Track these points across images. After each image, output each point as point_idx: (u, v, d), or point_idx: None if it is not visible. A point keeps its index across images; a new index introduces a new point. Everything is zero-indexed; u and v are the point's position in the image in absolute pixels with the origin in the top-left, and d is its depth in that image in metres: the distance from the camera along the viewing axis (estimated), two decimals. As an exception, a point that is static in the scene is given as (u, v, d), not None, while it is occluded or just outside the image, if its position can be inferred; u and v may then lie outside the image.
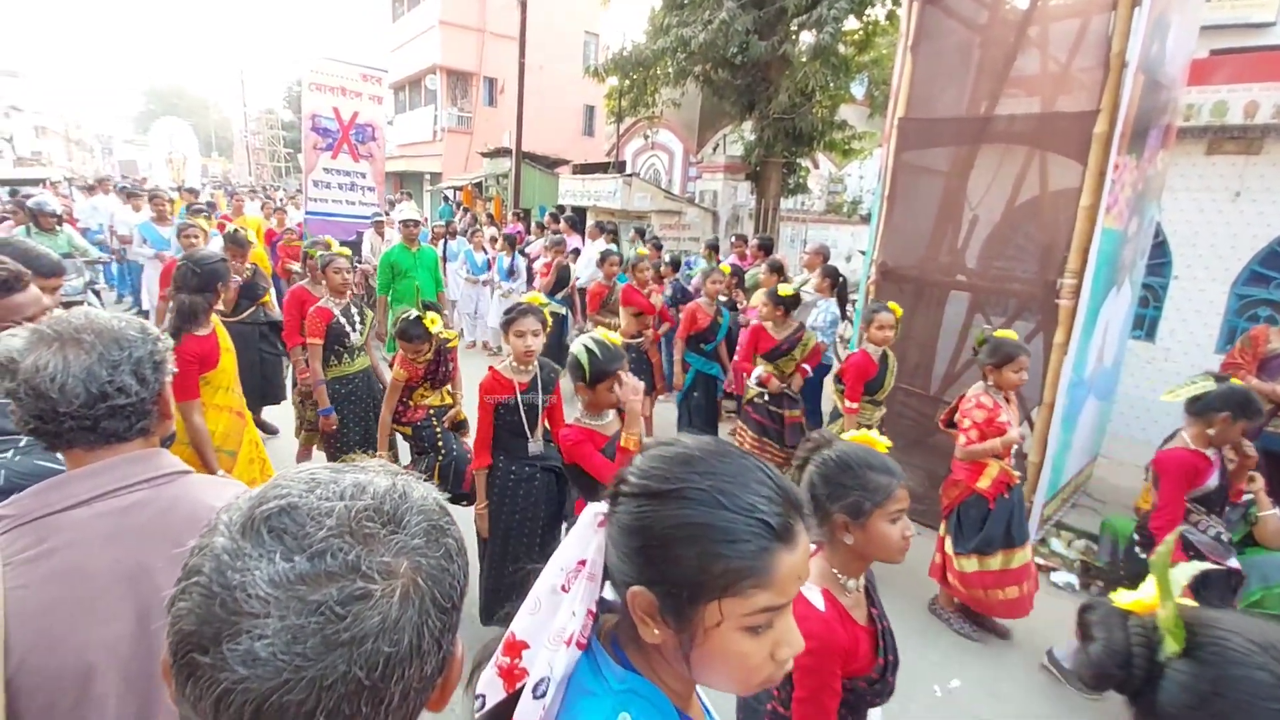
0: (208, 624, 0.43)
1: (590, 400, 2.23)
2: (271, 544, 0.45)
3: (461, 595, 0.53)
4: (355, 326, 3.69)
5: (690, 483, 0.68)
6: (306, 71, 5.88)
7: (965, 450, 2.91)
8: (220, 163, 49.76)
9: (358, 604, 0.44)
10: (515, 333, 2.57)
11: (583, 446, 2.20)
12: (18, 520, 0.90)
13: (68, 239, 5.78)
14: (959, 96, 4.34)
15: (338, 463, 0.55)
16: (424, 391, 3.28)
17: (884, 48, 10.29)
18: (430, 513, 0.52)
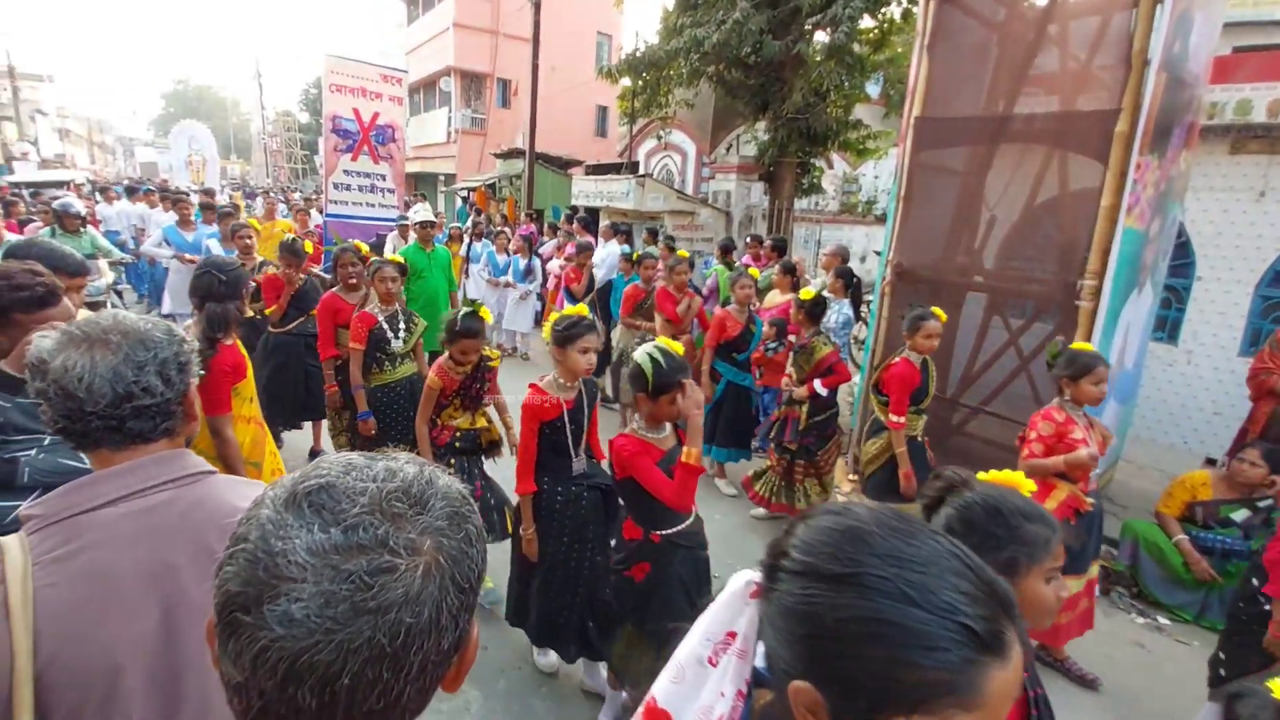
0: (251, 585, 0.47)
1: (651, 412, 2.11)
2: (311, 516, 0.50)
3: (479, 579, 0.56)
4: (398, 333, 3.59)
5: (869, 568, 0.57)
6: (326, 72, 5.81)
7: (1025, 464, 2.70)
8: (239, 164, 50.43)
9: (384, 576, 0.48)
10: (579, 349, 2.40)
11: (640, 459, 2.09)
12: (47, 520, 0.92)
13: (91, 240, 5.88)
14: (976, 95, 4.29)
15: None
16: (453, 411, 3.06)
17: (899, 46, 10.20)
18: (453, 499, 0.56)
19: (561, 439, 2.49)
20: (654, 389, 2.04)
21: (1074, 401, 2.73)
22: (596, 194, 11.75)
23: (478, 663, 2.75)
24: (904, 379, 3.32)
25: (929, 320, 3.32)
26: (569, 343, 2.41)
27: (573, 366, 2.42)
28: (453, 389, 2.96)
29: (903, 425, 3.31)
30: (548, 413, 2.44)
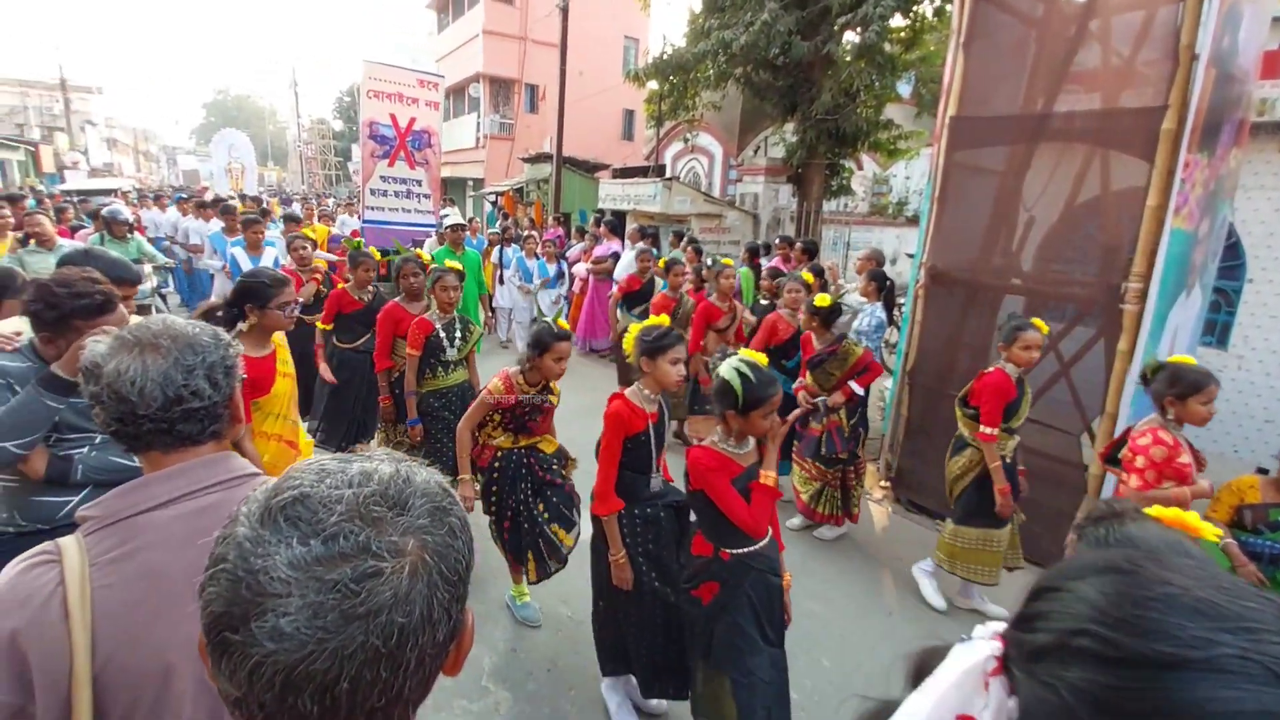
0: (236, 605, 0.48)
1: (741, 428, 2.00)
2: (288, 530, 0.49)
3: (467, 569, 0.56)
4: (454, 341, 3.55)
5: (1220, 646, 0.41)
6: (365, 79, 5.82)
7: (1139, 495, 2.48)
8: (275, 171, 51.81)
9: (370, 580, 0.48)
10: (670, 359, 2.28)
11: (716, 476, 1.98)
12: (103, 521, 0.94)
13: (137, 246, 6.10)
14: (1014, 93, 4.19)
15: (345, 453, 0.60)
16: (493, 430, 2.87)
17: (932, 45, 10.02)
18: (433, 495, 0.56)
19: (644, 454, 2.36)
20: (745, 405, 1.94)
21: (1177, 421, 2.53)
22: (623, 197, 11.78)
23: (508, 665, 2.79)
24: (997, 389, 3.07)
25: (1027, 330, 3.06)
26: (660, 353, 2.28)
27: (663, 378, 2.30)
28: (509, 404, 2.76)
29: (995, 438, 3.07)
30: (635, 424, 2.30)
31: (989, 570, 3.21)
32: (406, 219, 6.18)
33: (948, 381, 4.25)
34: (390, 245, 5.59)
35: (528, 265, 7.67)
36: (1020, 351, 3.05)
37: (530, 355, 2.70)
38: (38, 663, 0.84)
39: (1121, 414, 3.46)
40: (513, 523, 2.89)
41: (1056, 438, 3.90)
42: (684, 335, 4.87)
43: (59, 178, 24.38)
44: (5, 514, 1.66)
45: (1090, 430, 3.77)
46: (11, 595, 0.86)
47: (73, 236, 6.88)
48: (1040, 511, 3.69)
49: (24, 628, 0.84)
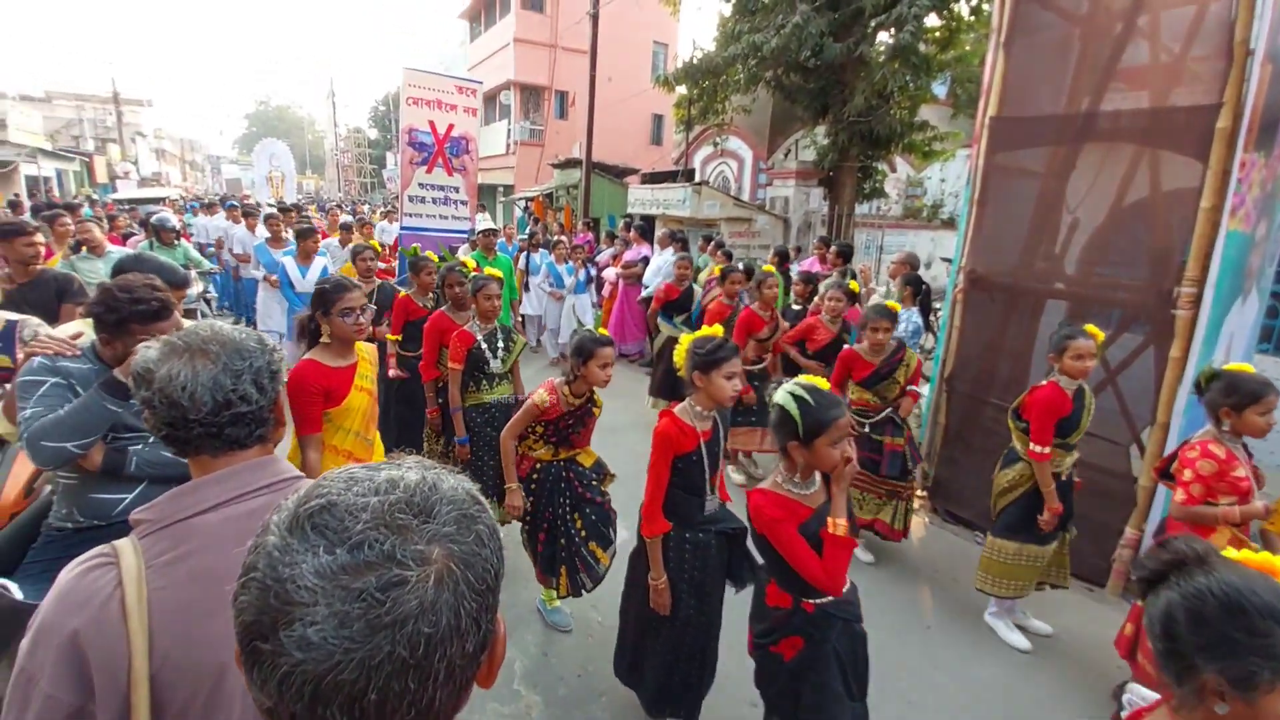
0: (265, 614, 0.48)
1: (808, 462, 1.80)
2: (315, 539, 0.49)
3: (496, 578, 0.55)
4: (497, 353, 3.41)
5: None
6: (404, 86, 5.88)
7: (1184, 510, 2.39)
8: (313, 180, 53.27)
9: (396, 589, 0.47)
10: (725, 374, 2.13)
11: (783, 528, 1.79)
12: (156, 525, 0.96)
13: (184, 252, 6.33)
14: (1057, 93, 4.07)
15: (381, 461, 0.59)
16: (534, 443, 2.81)
17: (969, 44, 9.83)
18: (460, 502, 0.55)
19: (696, 475, 2.20)
20: (808, 432, 1.74)
21: (1234, 433, 2.39)
22: (652, 202, 11.79)
23: (540, 670, 2.80)
24: (1048, 404, 2.90)
25: (1078, 339, 2.87)
26: (714, 367, 2.13)
27: (716, 394, 2.15)
28: (553, 416, 2.68)
29: (1046, 457, 2.91)
30: (685, 443, 2.16)
31: (1021, 585, 3.09)
32: (444, 225, 6.23)
33: (987, 389, 4.15)
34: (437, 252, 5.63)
35: (558, 270, 7.64)
36: (1072, 362, 2.88)
37: (575, 364, 2.62)
38: (98, 662, 0.86)
39: (1174, 424, 3.33)
40: (548, 535, 2.83)
41: (1103, 448, 3.75)
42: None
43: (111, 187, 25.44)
44: (65, 510, 1.72)
45: (1140, 441, 3.62)
46: (72, 596, 0.89)
47: (124, 243, 7.17)
48: (1084, 524, 3.56)
49: (84, 628, 0.86)
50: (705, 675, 2.35)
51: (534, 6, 21.02)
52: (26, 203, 12.46)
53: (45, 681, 0.84)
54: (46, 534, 1.76)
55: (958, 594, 3.57)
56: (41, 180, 22.89)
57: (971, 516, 4.15)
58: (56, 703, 0.84)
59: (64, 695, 0.85)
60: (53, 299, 3.46)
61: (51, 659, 0.85)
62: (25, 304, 3.20)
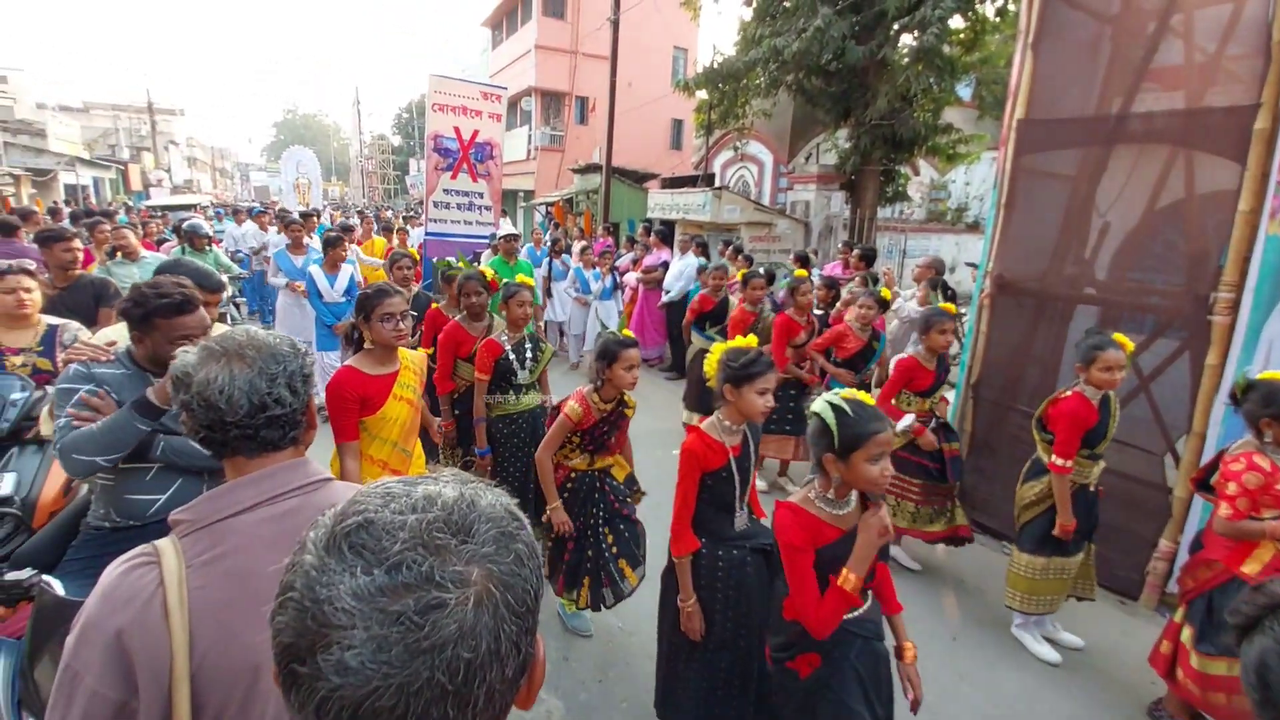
0: (302, 636, 0.47)
1: (844, 477, 1.69)
2: (352, 559, 0.48)
3: (536, 598, 0.54)
4: (525, 363, 3.29)
5: None
6: (430, 92, 5.92)
7: (1228, 525, 2.30)
8: (338, 186, 54.17)
9: (434, 613, 0.46)
10: (758, 389, 2.05)
11: (799, 557, 1.68)
12: (194, 525, 0.98)
13: (215, 257, 6.49)
14: (1087, 94, 4.00)
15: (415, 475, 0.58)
16: (570, 451, 2.75)
17: (993, 46, 9.70)
18: (499, 520, 0.54)
19: (726, 491, 2.13)
20: (844, 445, 1.64)
21: (1276, 444, 2.31)
22: (672, 206, 11.80)
23: (560, 674, 2.80)
24: (1074, 416, 2.80)
25: (1107, 350, 2.76)
26: (746, 381, 2.04)
27: (747, 409, 2.07)
28: (587, 425, 2.63)
29: (1068, 470, 2.83)
30: (713, 460, 2.08)
31: (1050, 599, 3.02)
32: (468, 231, 6.27)
33: (1015, 396, 4.07)
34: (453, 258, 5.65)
35: (585, 275, 7.59)
36: (1100, 374, 2.78)
37: (600, 368, 2.58)
38: (141, 660, 0.88)
39: (1210, 433, 3.24)
40: (576, 545, 2.78)
41: (1136, 457, 3.66)
42: None
43: (145, 194, 26.17)
44: (102, 510, 1.77)
45: (1175, 451, 3.53)
46: (116, 595, 0.91)
47: (158, 249, 7.36)
48: (1116, 535, 3.47)
49: (128, 626, 0.88)
50: (747, 705, 2.20)
51: (555, 13, 21.21)
52: (65, 210, 12.86)
53: (91, 678, 0.86)
54: (84, 532, 1.81)
55: (984, 604, 3.50)
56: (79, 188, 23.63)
57: (998, 526, 4.07)
58: (102, 699, 0.86)
59: (109, 692, 0.87)
60: (90, 303, 3.57)
61: (97, 656, 0.87)
62: (65, 308, 3.30)
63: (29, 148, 21.58)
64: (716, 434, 2.12)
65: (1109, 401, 2.91)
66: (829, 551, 1.70)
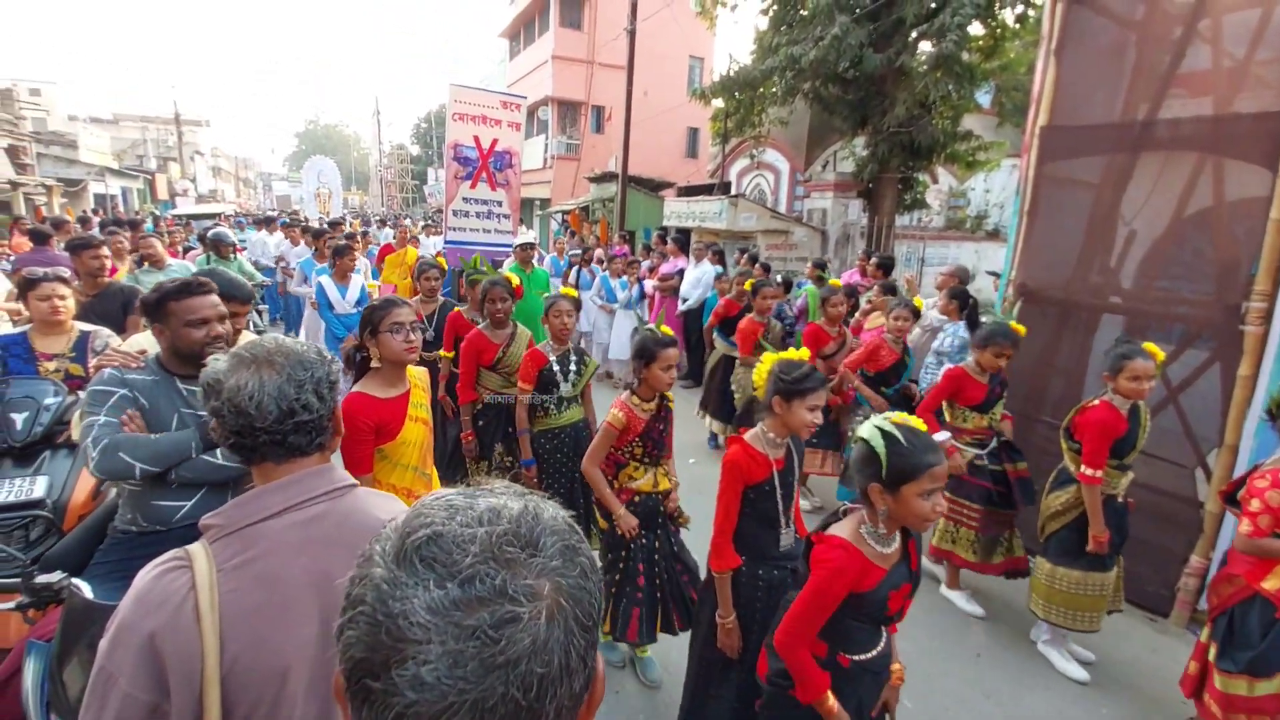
0: (376, 651, 0.46)
1: (892, 511, 1.56)
2: (424, 572, 0.48)
3: (600, 612, 0.54)
4: (569, 375, 3.18)
5: None
6: (450, 101, 5.95)
7: (1248, 542, 2.24)
8: (358, 195, 55.03)
9: (509, 627, 0.46)
10: (808, 406, 1.99)
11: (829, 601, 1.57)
12: (224, 530, 1.00)
13: (239, 265, 6.60)
14: (1111, 100, 3.95)
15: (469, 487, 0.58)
16: (632, 470, 2.59)
17: (1013, 52, 9.62)
18: (563, 533, 0.54)
19: (769, 506, 2.07)
20: (893, 476, 1.52)
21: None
22: (688, 214, 11.82)
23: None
24: (1103, 425, 2.75)
25: (1136, 359, 2.70)
26: (798, 396, 1.98)
27: (794, 423, 2.01)
28: (637, 431, 2.51)
29: (1098, 481, 2.77)
30: (756, 472, 2.03)
31: (1091, 616, 2.93)
32: (487, 239, 6.30)
33: (1039, 406, 4.00)
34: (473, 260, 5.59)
35: (611, 284, 7.49)
36: (1129, 383, 2.72)
37: (637, 367, 2.51)
38: (173, 663, 0.89)
39: (1243, 446, 3.16)
40: (646, 575, 2.60)
41: (1166, 470, 3.58)
42: None
43: (171, 203, 26.76)
44: (130, 515, 1.79)
45: (1205, 464, 3.44)
46: (149, 598, 0.92)
47: (183, 257, 7.51)
48: (1146, 550, 3.39)
49: (161, 629, 0.90)
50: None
51: (572, 24, 21.42)
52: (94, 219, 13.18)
53: (124, 680, 0.87)
54: (112, 536, 1.84)
55: (1009, 620, 3.43)
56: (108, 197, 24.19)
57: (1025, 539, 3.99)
58: (134, 701, 0.87)
59: (141, 694, 0.88)
60: (119, 310, 3.64)
61: (130, 659, 0.88)
62: (94, 315, 3.37)
63: (61, 158, 22.17)
64: (760, 445, 2.06)
65: (1138, 411, 2.85)
66: (868, 596, 1.57)
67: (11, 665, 1.55)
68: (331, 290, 5.22)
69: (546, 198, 21.87)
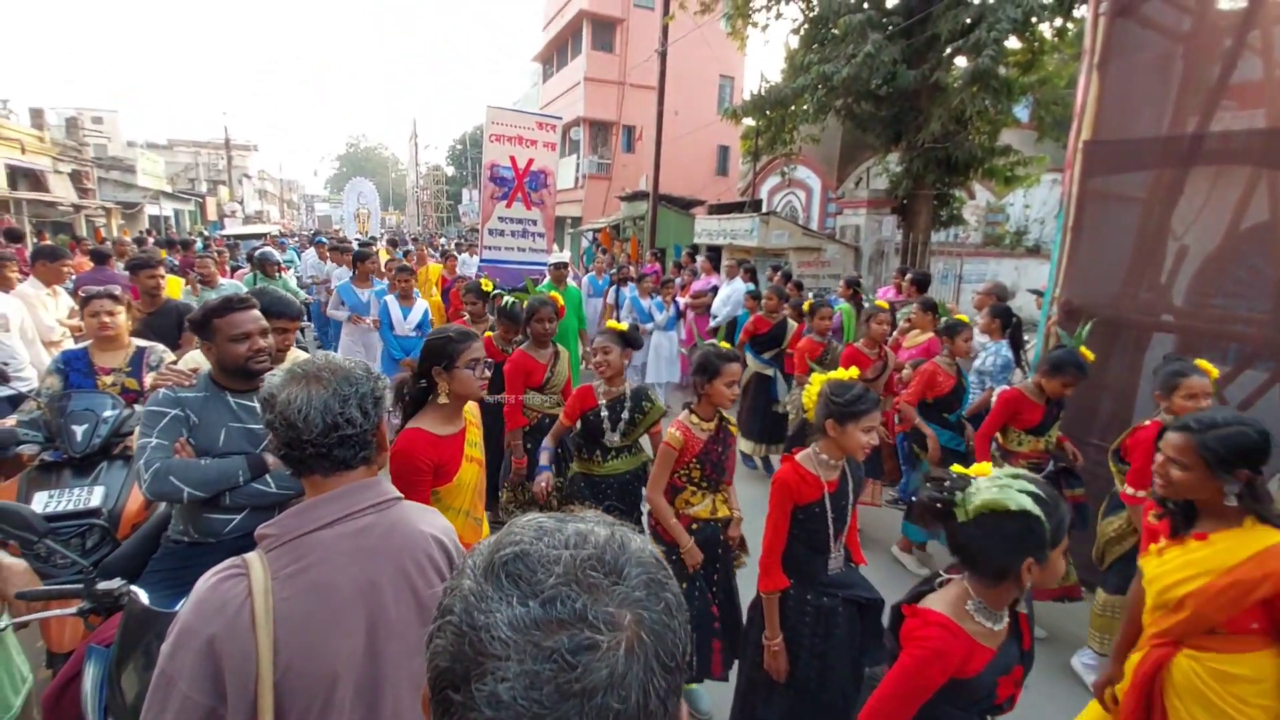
0: (459, 662, 0.47)
1: (1037, 580, 1.34)
2: (509, 588, 0.48)
3: (684, 655, 0.51)
4: (617, 425, 2.81)
5: None
6: (487, 123, 6.14)
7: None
8: (395, 215, 56.56)
9: (585, 654, 0.45)
10: (863, 428, 1.94)
11: (923, 695, 1.34)
12: (279, 540, 1.04)
13: (283, 283, 6.83)
14: (1158, 114, 3.84)
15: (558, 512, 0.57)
16: (689, 495, 2.45)
17: (1052, 65, 9.46)
18: (648, 565, 0.52)
19: (819, 529, 2.01)
20: (1052, 542, 1.31)
21: None
22: (719, 232, 11.84)
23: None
24: (1154, 445, 2.63)
25: (1190, 376, 2.60)
26: (851, 419, 1.94)
27: (848, 445, 1.97)
28: (694, 452, 2.38)
29: (1140, 501, 2.65)
30: (806, 493, 1.98)
31: None
32: (521, 258, 6.41)
33: (1087, 429, 3.87)
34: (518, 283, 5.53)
35: (643, 305, 7.14)
36: (1184, 401, 2.59)
37: (699, 383, 2.41)
38: (230, 667, 0.92)
39: (1310, 471, 2.99)
40: (720, 607, 2.50)
41: (1224, 495, 3.41)
42: None
43: (220, 224, 27.88)
44: (182, 526, 1.85)
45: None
46: (209, 604, 0.96)
47: (232, 275, 7.80)
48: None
49: (219, 634, 0.93)
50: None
51: (603, 47, 21.85)
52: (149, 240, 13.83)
53: (184, 683, 0.91)
54: (165, 545, 1.90)
55: (1056, 651, 3.28)
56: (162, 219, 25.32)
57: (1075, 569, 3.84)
58: (193, 704, 0.91)
59: (200, 697, 0.91)
60: (174, 327, 3.80)
61: (190, 662, 0.92)
62: (151, 331, 3.52)
63: (120, 182, 23.34)
64: (812, 466, 2.01)
65: None
66: (971, 683, 1.35)
67: (71, 669, 1.61)
68: (395, 310, 5.13)
69: (578, 216, 22.18)
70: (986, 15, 8.08)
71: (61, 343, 4.12)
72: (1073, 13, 8.57)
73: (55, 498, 2.32)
